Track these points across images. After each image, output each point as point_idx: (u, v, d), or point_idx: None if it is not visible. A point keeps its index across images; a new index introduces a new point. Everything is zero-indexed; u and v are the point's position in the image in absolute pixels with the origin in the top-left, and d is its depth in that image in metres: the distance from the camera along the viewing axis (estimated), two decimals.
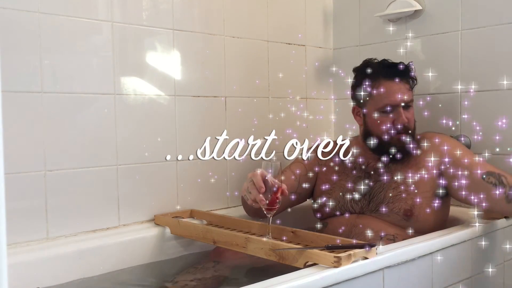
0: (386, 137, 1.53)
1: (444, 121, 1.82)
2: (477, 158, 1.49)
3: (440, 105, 1.84)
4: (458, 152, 1.50)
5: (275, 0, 1.98)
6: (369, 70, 1.57)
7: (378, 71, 1.56)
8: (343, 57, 2.16)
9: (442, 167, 1.50)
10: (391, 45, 1.97)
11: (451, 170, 1.48)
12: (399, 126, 1.52)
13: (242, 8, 1.88)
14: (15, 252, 1.30)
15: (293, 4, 2.07)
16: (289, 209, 1.67)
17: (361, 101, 1.59)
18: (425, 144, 1.55)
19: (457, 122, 1.79)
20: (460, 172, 1.46)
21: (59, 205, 1.42)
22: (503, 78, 1.67)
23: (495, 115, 1.69)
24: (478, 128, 1.74)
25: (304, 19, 2.10)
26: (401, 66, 1.57)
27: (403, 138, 1.52)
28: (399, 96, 1.52)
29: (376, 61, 1.62)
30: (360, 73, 1.61)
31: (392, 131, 1.52)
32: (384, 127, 1.54)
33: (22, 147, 1.35)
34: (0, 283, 0.47)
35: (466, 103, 1.77)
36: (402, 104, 1.52)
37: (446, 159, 1.50)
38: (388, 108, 1.53)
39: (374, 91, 1.55)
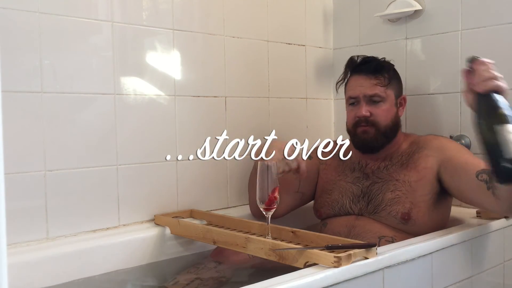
0: (353, 130, 1.59)
1: (444, 121, 1.82)
2: (474, 158, 1.44)
3: (440, 105, 1.84)
4: (456, 153, 1.47)
5: (275, 0, 1.98)
6: (347, 67, 1.65)
7: (351, 68, 1.63)
8: (343, 57, 2.14)
9: (441, 169, 1.47)
10: (391, 45, 1.97)
11: (449, 171, 1.46)
12: (357, 118, 1.56)
13: (242, 8, 1.88)
14: (15, 252, 1.30)
15: (293, 4, 2.06)
16: None
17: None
18: (424, 146, 1.53)
19: (457, 122, 1.79)
20: (457, 173, 1.43)
21: (59, 205, 1.42)
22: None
23: None
24: None
25: (304, 19, 2.10)
26: (370, 62, 1.60)
27: (369, 131, 1.54)
28: (360, 89, 1.57)
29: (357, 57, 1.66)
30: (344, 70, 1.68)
31: (356, 124, 1.57)
32: (350, 120, 1.61)
33: (22, 147, 1.35)
34: (0, 283, 0.47)
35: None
36: (364, 97, 1.55)
37: (444, 161, 1.47)
38: (352, 101, 1.60)
39: (346, 86, 1.64)
